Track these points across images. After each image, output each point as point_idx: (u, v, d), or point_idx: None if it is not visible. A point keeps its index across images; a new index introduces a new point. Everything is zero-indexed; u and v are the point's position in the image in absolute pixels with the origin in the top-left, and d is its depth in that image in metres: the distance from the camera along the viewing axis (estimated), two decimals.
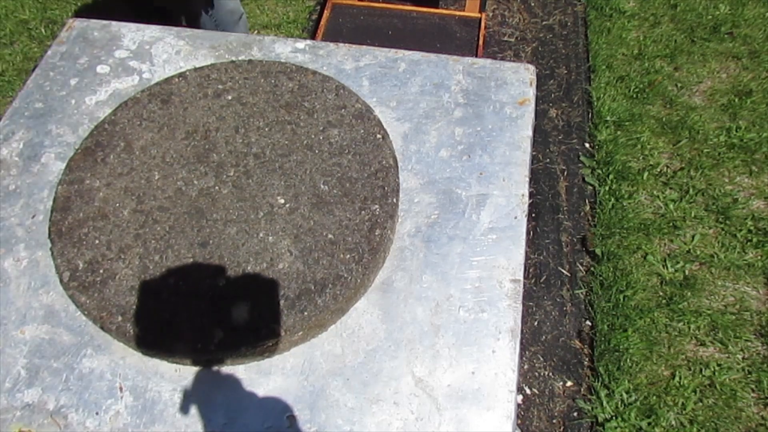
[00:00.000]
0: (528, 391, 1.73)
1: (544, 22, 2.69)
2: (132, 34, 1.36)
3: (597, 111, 2.33)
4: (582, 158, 2.22)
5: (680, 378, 1.71)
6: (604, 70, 2.46)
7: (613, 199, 2.07)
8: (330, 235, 1.02)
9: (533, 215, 2.08)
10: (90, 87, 1.27)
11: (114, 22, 1.38)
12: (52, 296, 1.01)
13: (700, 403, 1.68)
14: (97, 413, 0.91)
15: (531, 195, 2.10)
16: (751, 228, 1.99)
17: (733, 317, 1.82)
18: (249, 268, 0.98)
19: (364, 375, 0.94)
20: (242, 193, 1.08)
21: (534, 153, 2.20)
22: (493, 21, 2.68)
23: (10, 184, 1.14)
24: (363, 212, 1.04)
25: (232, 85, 1.23)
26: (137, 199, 1.07)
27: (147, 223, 1.04)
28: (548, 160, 2.23)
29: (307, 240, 1.01)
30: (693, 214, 2.03)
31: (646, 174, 2.13)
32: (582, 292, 1.91)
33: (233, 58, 1.31)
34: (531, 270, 1.95)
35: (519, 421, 1.67)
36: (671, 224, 2.01)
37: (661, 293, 1.88)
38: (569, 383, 1.74)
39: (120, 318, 0.94)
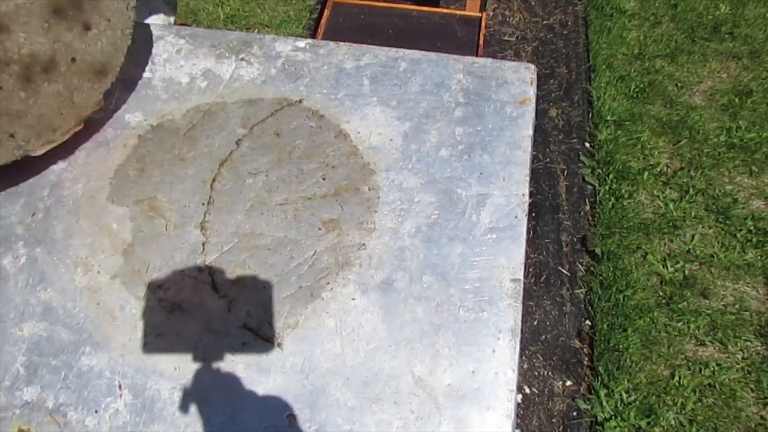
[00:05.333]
0: (528, 391, 1.73)
1: (544, 22, 2.69)
2: None
3: (597, 110, 2.33)
4: (582, 158, 2.22)
5: (680, 378, 1.71)
6: (605, 70, 2.46)
7: (613, 199, 2.07)
8: None
9: (533, 215, 2.08)
10: None
11: None
12: (50, 293, 1.01)
13: (700, 403, 1.68)
14: (96, 411, 0.91)
15: (531, 194, 2.09)
16: (751, 228, 1.99)
17: (733, 317, 1.82)
18: None
19: (364, 374, 0.94)
20: None
21: (534, 152, 2.20)
22: (493, 20, 2.68)
23: (11, 183, 1.14)
24: None
25: None
26: None
27: None
28: (548, 159, 2.23)
29: None
30: (693, 214, 2.03)
31: (646, 174, 2.13)
32: (582, 292, 1.91)
33: (234, 56, 1.31)
34: (531, 269, 1.95)
35: (519, 421, 1.67)
36: (671, 224, 2.01)
37: (660, 293, 1.88)
38: (569, 382, 1.74)
39: None
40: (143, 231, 1.08)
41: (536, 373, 1.75)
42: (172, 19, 1.70)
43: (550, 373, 1.75)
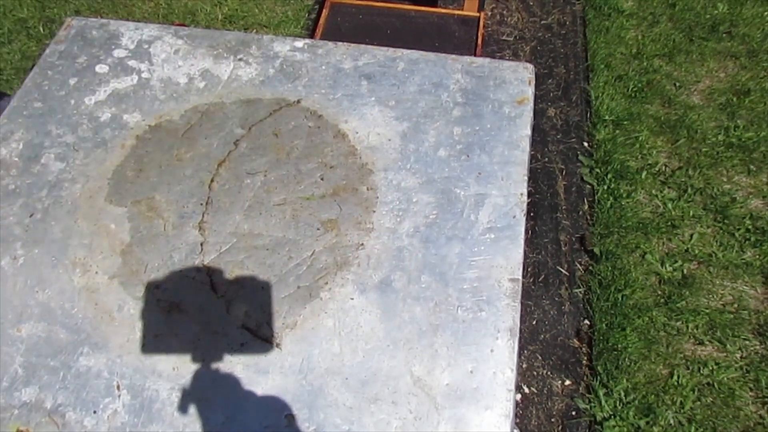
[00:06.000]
0: (526, 390, 1.73)
1: (542, 22, 2.69)
2: (130, 33, 1.36)
3: (595, 110, 2.33)
4: (580, 157, 2.22)
5: (678, 377, 1.71)
6: (603, 69, 2.46)
7: (611, 198, 2.07)
8: None
9: (532, 214, 2.08)
10: (89, 87, 1.27)
11: (112, 21, 1.38)
12: (48, 294, 1.01)
13: (699, 402, 1.68)
14: (94, 412, 0.91)
15: (529, 194, 2.09)
16: (749, 227, 1.99)
17: (731, 316, 1.82)
18: None
19: (363, 374, 0.94)
20: None
21: (532, 152, 2.20)
22: (491, 20, 2.68)
23: (10, 184, 1.14)
24: None
25: None
26: None
27: None
28: (547, 159, 2.23)
29: None
30: (691, 213, 2.03)
31: (644, 173, 2.13)
32: (580, 291, 1.91)
33: (232, 57, 1.31)
34: (529, 269, 1.95)
35: (517, 420, 1.67)
36: (670, 223, 2.01)
37: (659, 292, 1.88)
38: (568, 382, 1.74)
39: None
40: (141, 231, 1.08)
41: (535, 373, 1.75)
42: None
43: (548, 373, 1.75)
